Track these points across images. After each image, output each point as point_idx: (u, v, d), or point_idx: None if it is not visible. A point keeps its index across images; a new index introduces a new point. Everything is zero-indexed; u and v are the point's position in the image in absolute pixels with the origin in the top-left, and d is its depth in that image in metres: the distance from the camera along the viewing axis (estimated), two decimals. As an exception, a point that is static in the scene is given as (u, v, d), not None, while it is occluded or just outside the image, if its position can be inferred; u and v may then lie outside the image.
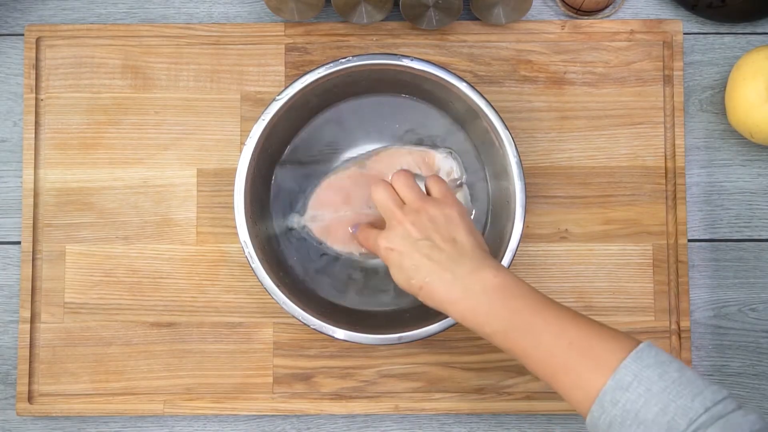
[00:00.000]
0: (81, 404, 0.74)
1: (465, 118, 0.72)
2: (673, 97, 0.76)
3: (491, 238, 0.72)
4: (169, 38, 0.76)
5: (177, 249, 0.75)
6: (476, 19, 0.76)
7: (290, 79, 0.74)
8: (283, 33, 0.76)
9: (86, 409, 0.74)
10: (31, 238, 0.75)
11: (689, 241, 0.76)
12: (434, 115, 0.74)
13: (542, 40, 0.76)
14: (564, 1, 0.77)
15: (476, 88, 0.68)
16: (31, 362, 0.74)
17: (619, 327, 0.74)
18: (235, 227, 0.68)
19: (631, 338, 0.55)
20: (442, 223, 0.62)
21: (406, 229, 0.62)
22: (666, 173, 0.76)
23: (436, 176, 0.69)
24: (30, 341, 0.74)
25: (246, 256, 0.67)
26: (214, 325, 0.74)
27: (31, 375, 0.74)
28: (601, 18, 0.77)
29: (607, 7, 0.77)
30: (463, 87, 0.68)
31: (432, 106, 0.74)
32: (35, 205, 0.75)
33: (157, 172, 0.76)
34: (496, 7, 0.73)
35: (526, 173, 0.69)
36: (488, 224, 0.74)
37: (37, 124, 0.76)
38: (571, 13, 0.77)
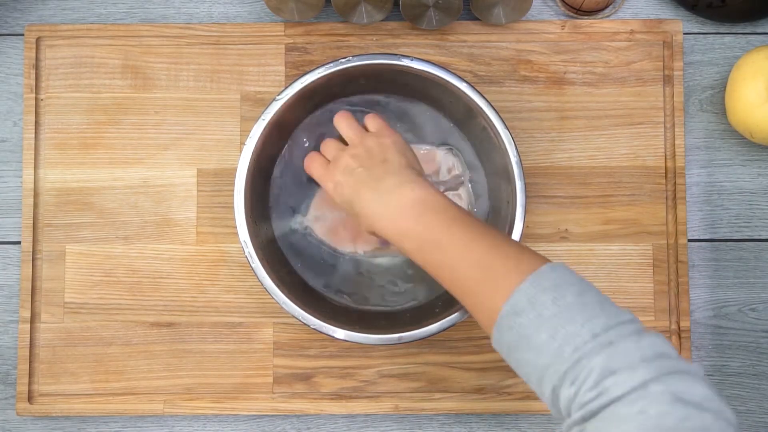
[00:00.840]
0: (81, 404, 0.74)
1: (464, 118, 0.72)
2: (673, 97, 0.76)
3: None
4: (169, 38, 0.76)
5: (177, 249, 0.75)
6: (476, 19, 0.76)
7: (290, 79, 0.74)
8: (283, 33, 0.76)
9: (86, 409, 0.74)
10: (31, 238, 0.75)
11: (689, 241, 0.76)
12: (434, 116, 0.74)
13: (542, 40, 0.76)
14: (564, 1, 0.77)
15: (476, 88, 0.68)
16: (31, 362, 0.74)
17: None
18: (235, 227, 0.68)
19: (536, 260, 0.53)
20: (376, 151, 0.64)
21: (346, 162, 0.64)
22: (666, 173, 0.76)
23: (373, 114, 0.70)
24: (30, 341, 0.74)
25: (246, 256, 0.67)
26: (214, 325, 0.74)
27: (31, 375, 0.74)
28: (601, 18, 0.77)
29: (607, 7, 0.77)
30: (463, 87, 0.68)
31: (431, 107, 0.74)
32: (35, 205, 0.75)
33: (157, 172, 0.76)
34: (496, 7, 0.73)
35: (526, 173, 0.69)
36: (488, 223, 0.74)
37: (37, 124, 0.76)
38: (571, 13, 0.77)
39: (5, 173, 0.77)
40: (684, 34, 0.78)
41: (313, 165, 0.68)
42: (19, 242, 0.76)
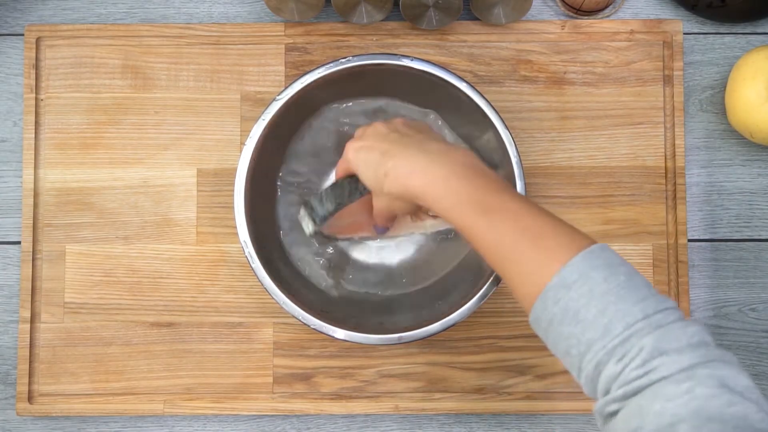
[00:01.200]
0: (81, 404, 0.74)
1: (464, 118, 0.72)
2: (673, 97, 0.76)
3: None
4: (169, 38, 0.76)
5: (177, 249, 0.75)
6: (476, 19, 0.76)
7: (290, 79, 0.74)
8: (283, 33, 0.76)
9: (86, 409, 0.74)
10: (31, 238, 0.75)
11: (689, 241, 0.76)
12: (432, 117, 0.74)
13: (542, 40, 0.76)
14: (564, 1, 0.77)
15: (476, 88, 0.68)
16: (31, 362, 0.74)
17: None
18: (235, 227, 0.68)
19: (586, 238, 0.53)
20: (412, 125, 0.63)
21: (376, 128, 0.62)
22: (666, 173, 0.76)
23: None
24: (30, 341, 0.74)
25: (246, 256, 0.67)
26: (214, 325, 0.74)
27: (31, 375, 0.74)
28: (601, 18, 0.77)
29: (607, 7, 0.77)
30: (463, 87, 0.68)
31: (429, 108, 0.74)
32: (35, 205, 0.75)
33: (157, 172, 0.76)
34: (496, 7, 0.73)
35: (526, 173, 0.69)
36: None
37: (37, 124, 0.76)
38: (571, 13, 0.77)
39: (5, 173, 0.77)
40: (684, 34, 0.78)
41: (341, 159, 0.65)
42: (19, 242, 0.76)
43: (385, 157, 0.59)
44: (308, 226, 0.67)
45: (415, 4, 0.72)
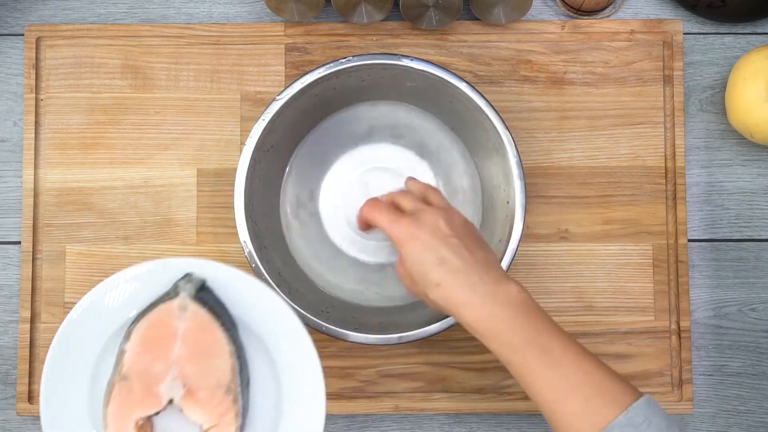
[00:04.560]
0: (81, 404, 0.74)
1: (464, 118, 0.72)
2: (673, 97, 0.76)
3: (489, 238, 0.72)
4: (169, 38, 0.76)
5: (177, 249, 0.75)
6: (476, 19, 0.76)
7: (290, 79, 0.74)
8: (283, 33, 0.76)
9: (86, 409, 0.74)
10: (31, 238, 0.75)
11: (689, 241, 0.76)
12: (431, 117, 0.74)
13: (542, 40, 0.76)
14: (564, 1, 0.77)
15: (476, 88, 0.68)
16: (31, 362, 0.74)
17: (619, 327, 0.74)
18: (235, 227, 0.68)
19: (635, 388, 0.57)
20: (470, 231, 0.62)
21: (434, 222, 0.60)
22: (666, 173, 0.76)
23: (435, 188, 0.68)
24: (30, 341, 0.74)
25: (246, 256, 0.67)
26: (214, 325, 0.74)
27: (31, 375, 0.74)
28: (601, 18, 0.77)
29: (607, 7, 0.77)
30: (463, 87, 0.68)
31: (428, 108, 0.74)
32: (35, 205, 0.75)
33: (157, 172, 0.76)
34: (496, 7, 0.73)
35: (526, 173, 0.69)
36: (482, 223, 0.74)
37: (37, 124, 0.76)
38: (571, 13, 0.77)
39: (5, 173, 0.77)
40: (684, 34, 0.78)
41: (378, 212, 0.62)
42: (19, 242, 0.76)
43: (442, 268, 0.59)
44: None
45: (415, 4, 0.72)
